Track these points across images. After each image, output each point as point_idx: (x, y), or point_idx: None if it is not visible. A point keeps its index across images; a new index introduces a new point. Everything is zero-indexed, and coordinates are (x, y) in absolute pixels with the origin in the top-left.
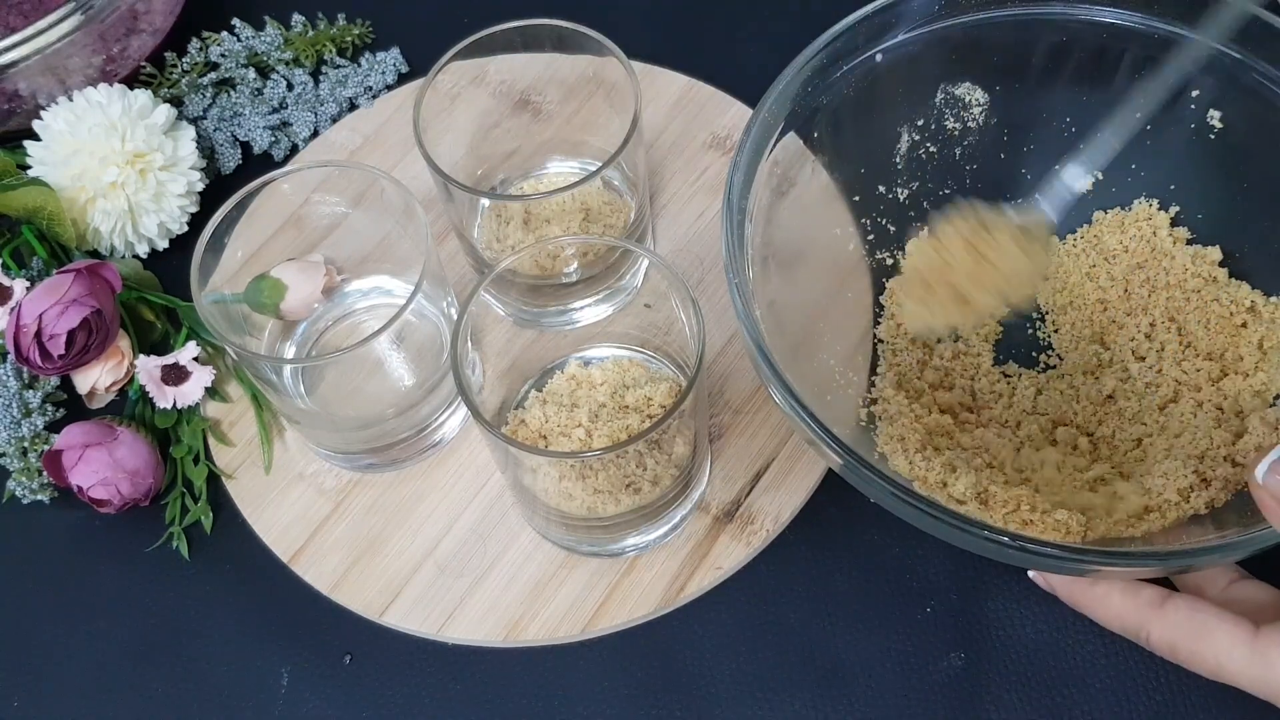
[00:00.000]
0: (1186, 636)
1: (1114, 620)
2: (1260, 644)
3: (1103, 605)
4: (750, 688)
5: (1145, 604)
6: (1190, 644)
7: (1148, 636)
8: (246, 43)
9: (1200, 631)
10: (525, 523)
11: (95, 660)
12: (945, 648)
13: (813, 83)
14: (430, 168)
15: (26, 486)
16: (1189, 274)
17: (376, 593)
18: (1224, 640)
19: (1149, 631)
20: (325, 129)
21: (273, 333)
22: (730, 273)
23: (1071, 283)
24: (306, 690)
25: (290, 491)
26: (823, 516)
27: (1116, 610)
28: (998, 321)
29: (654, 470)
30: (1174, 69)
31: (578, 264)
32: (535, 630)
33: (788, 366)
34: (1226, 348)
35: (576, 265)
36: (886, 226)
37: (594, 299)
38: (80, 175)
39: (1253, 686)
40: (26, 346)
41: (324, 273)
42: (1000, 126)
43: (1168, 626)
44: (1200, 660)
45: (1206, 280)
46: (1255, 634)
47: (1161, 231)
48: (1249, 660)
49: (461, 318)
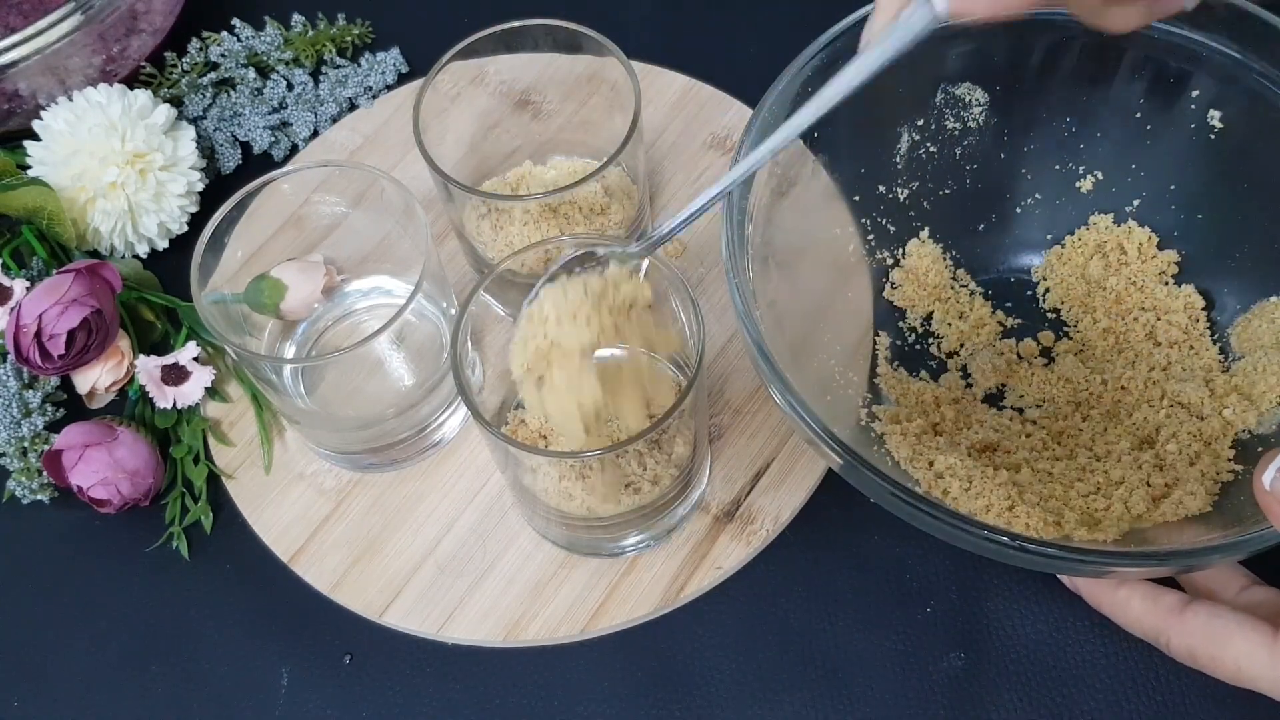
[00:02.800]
0: (1206, 642)
1: (1134, 625)
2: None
3: (1124, 610)
4: (750, 688)
5: (1165, 610)
6: (1210, 649)
7: (1168, 642)
8: (246, 43)
9: (1220, 637)
10: (525, 523)
11: (95, 660)
12: (945, 648)
13: (813, 83)
14: (430, 168)
15: (26, 486)
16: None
17: (376, 593)
18: (1244, 645)
19: (1169, 637)
20: (325, 129)
21: (273, 333)
22: (730, 273)
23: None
24: (306, 690)
25: (290, 491)
26: (823, 516)
27: (1137, 615)
28: (997, 322)
29: (654, 470)
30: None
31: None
32: (535, 630)
33: (788, 366)
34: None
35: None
36: (886, 226)
37: None
38: (80, 175)
39: (1273, 689)
40: (26, 346)
41: (324, 273)
42: (1000, 126)
43: (1187, 632)
44: (1220, 665)
45: (1183, 329)
46: (1275, 636)
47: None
48: (1270, 663)
49: (461, 318)
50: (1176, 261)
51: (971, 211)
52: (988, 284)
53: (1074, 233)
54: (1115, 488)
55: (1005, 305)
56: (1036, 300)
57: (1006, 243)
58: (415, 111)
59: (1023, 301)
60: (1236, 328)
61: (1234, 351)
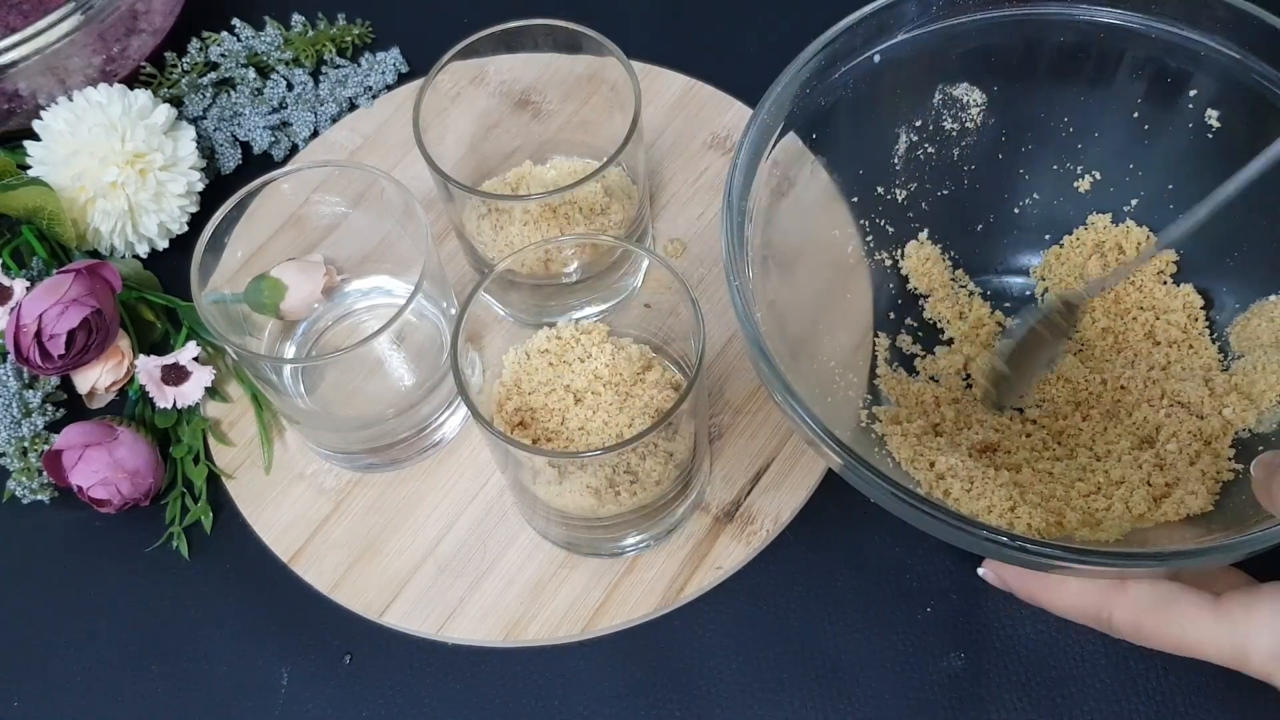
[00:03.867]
0: (1149, 611)
1: (1073, 608)
2: (1224, 607)
3: (1059, 594)
4: (750, 688)
5: (1105, 586)
6: (1153, 618)
7: (1109, 618)
8: (246, 43)
9: (1162, 605)
10: (525, 523)
11: (95, 660)
12: (945, 648)
13: (812, 83)
14: (430, 168)
15: (26, 486)
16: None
17: (376, 593)
18: (1189, 609)
19: (1110, 612)
20: (325, 129)
21: (272, 333)
22: (730, 273)
23: (1070, 283)
24: (306, 690)
25: (290, 491)
26: (823, 516)
27: (1075, 597)
28: (996, 322)
29: (654, 470)
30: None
31: (578, 263)
32: (535, 630)
33: (788, 367)
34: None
35: (577, 265)
36: (885, 227)
37: (594, 299)
38: (80, 175)
39: (1219, 653)
40: (26, 346)
41: (324, 273)
42: (998, 127)
43: (1129, 604)
44: (1165, 634)
45: (1183, 329)
46: (1217, 600)
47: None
48: (1214, 626)
49: (461, 318)
50: (1175, 261)
51: (970, 212)
52: (986, 284)
53: (1072, 233)
54: (1116, 487)
55: (1004, 305)
56: (1036, 300)
57: (1005, 243)
58: (415, 111)
59: (1022, 301)
60: (1235, 327)
61: (1233, 350)
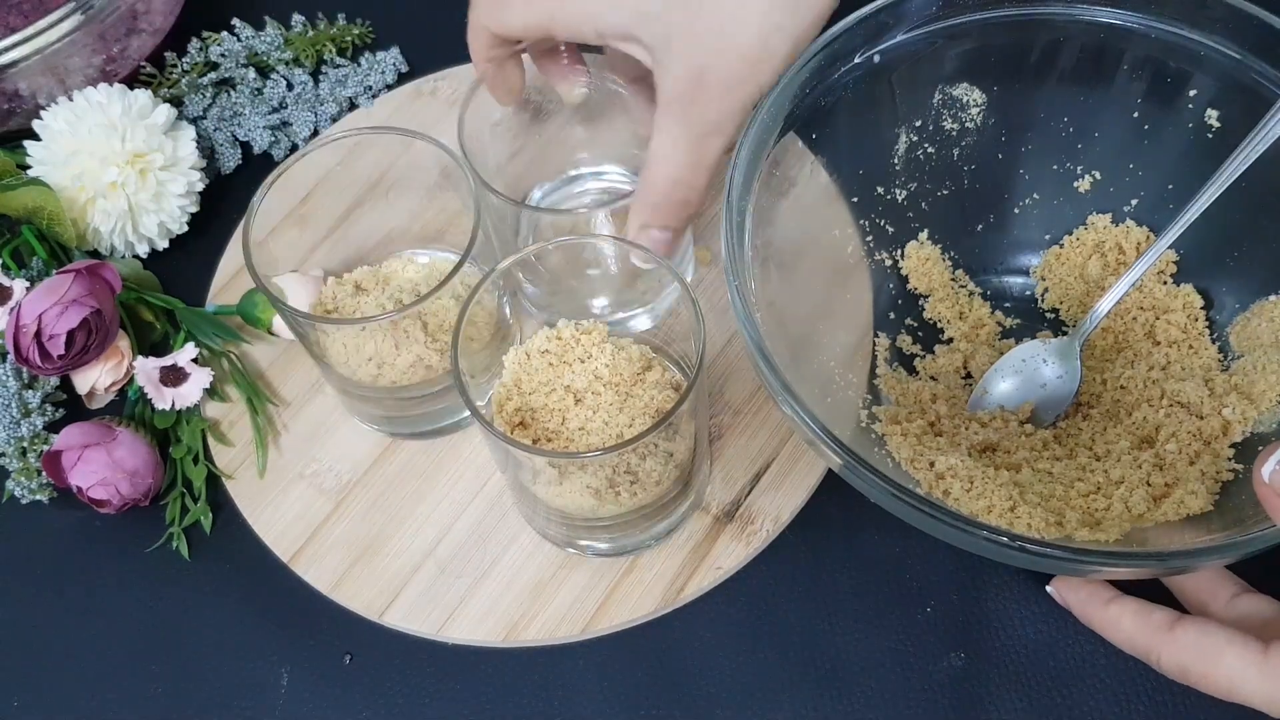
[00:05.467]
0: (1197, 660)
1: (1126, 643)
2: (1271, 663)
3: (1115, 627)
4: (750, 688)
5: (1155, 628)
6: (1201, 666)
7: (1158, 659)
8: (246, 43)
9: (1210, 654)
10: (525, 523)
11: (95, 660)
12: (945, 648)
13: (812, 83)
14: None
15: (26, 486)
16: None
17: (376, 593)
18: (1235, 662)
19: (1159, 655)
20: (325, 129)
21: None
22: (730, 273)
23: (1070, 283)
24: (306, 690)
25: (290, 491)
26: (823, 516)
27: (1128, 633)
28: (996, 322)
29: (654, 470)
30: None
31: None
32: (535, 630)
33: (788, 367)
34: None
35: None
36: (885, 227)
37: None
38: (80, 175)
39: (1266, 705)
40: (26, 346)
41: (322, 284)
42: (998, 127)
43: (1178, 650)
44: (1212, 682)
45: (1184, 327)
46: (1265, 652)
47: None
48: (1261, 680)
49: (462, 318)
50: (1175, 261)
51: (970, 212)
52: (986, 284)
53: (1072, 233)
54: (1115, 487)
55: (1004, 305)
56: (1035, 300)
57: (1005, 243)
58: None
59: (1021, 301)
60: (1235, 327)
61: (1233, 350)
